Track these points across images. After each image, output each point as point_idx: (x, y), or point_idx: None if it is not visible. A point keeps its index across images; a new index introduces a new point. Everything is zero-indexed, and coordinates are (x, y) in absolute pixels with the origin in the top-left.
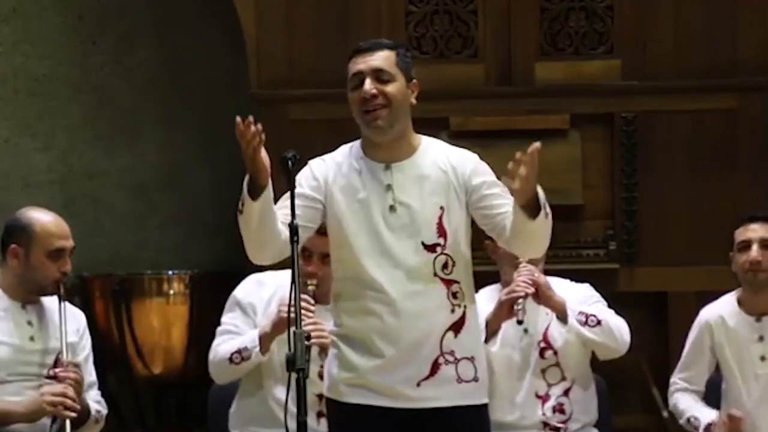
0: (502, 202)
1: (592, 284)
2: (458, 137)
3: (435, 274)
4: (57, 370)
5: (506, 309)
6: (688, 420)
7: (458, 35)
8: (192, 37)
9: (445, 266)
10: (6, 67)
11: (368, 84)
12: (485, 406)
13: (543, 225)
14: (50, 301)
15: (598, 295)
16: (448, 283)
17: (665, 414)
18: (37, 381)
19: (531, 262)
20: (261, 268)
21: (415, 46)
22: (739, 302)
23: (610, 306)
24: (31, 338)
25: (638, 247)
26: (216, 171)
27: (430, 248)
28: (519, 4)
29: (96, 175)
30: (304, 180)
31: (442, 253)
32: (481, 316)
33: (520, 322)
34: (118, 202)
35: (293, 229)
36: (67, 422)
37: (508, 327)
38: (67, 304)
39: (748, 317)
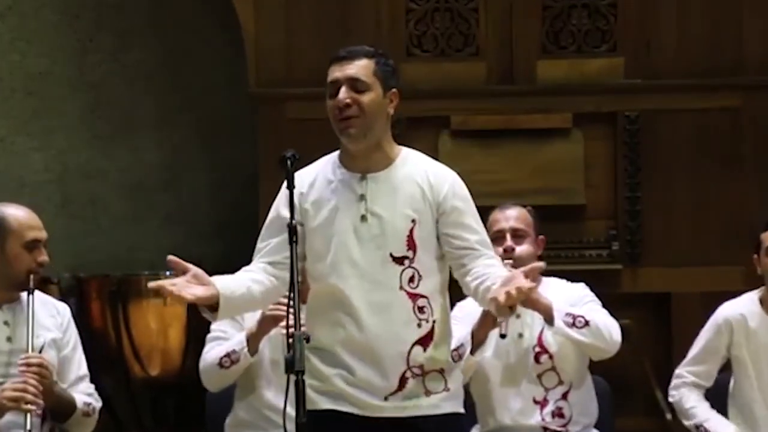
0: (468, 237)
1: (594, 285)
2: (459, 136)
3: (401, 287)
4: (19, 362)
5: (491, 320)
6: (697, 427)
7: (459, 33)
8: (190, 35)
9: (411, 280)
10: (2, 64)
11: (343, 93)
12: (457, 415)
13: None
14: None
15: (592, 294)
16: (414, 297)
17: (668, 416)
18: None
19: (515, 266)
20: None
21: (416, 44)
22: (762, 302)
23: (606, 306)
24: (8, 339)
25: (641, 247)
26: (214, 170)
27: (398, 260)
28: (521, 1)
29: (93, 175)
30: (282, 207)
31: (409, 267)
32: (471, 324)
33: (503, 336)
34: (115, 202)
35: (292, 228)
36: (28, 416)
37: (492, 341)
38: (50, 298)
39: None
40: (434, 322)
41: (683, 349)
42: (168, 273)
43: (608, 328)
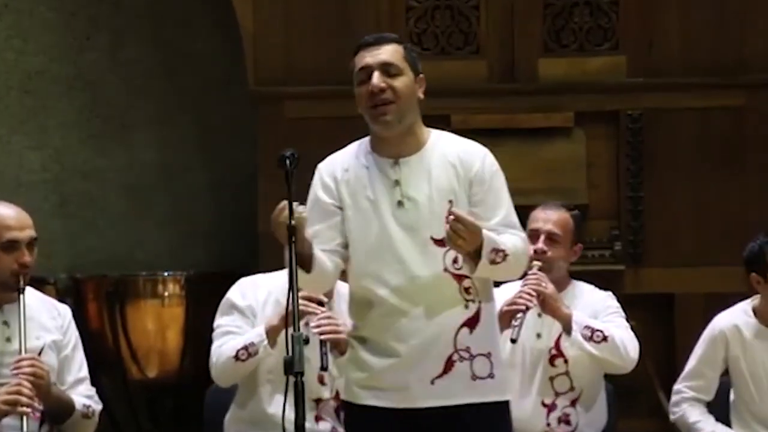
0: (490, 216)
1: (596, 286)
2: (459, 135)
3: (445, 269)
4: (12, 364)
5: (506, 320)
6: None
7: (460, 31)
8: (188, 32)
9: (455, 261)
10: None
11: (377, 78)
12: (504, 403)
13: (490, 270)
14: (28, 299)
15: (617, 306)
16: (459, 278)
17: (671, 418)
18: None
19: (544, 269)
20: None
21: (416, 42)
22: (755, 312)
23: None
24: (8, 339)
25: (644, 247)
26: (212, 170)
27: (439, 243)
28: None
29: (90, 174)
30: (320, 191)
31: (451, 248)
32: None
33: (513, 341)
34: (112, 202)
35: (291, 228)
36: (25, 419)
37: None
38: (51, 299)
39: (765, 328)
40: (480, 302)
41: (686, 350)
42: (165, 274)
43: (625, 345)
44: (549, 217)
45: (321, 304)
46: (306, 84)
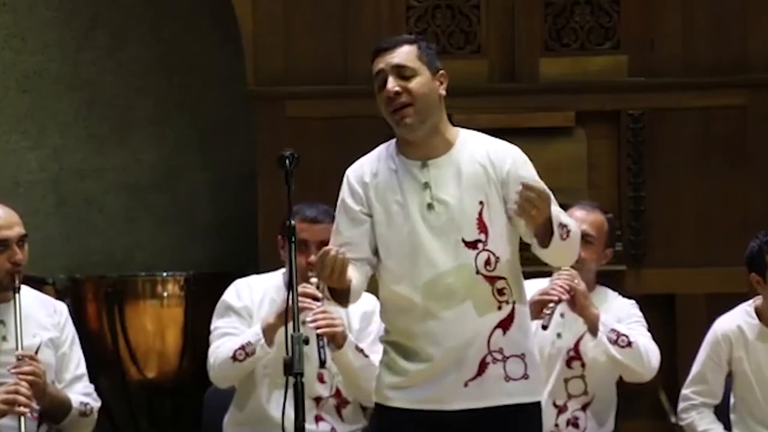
0: None
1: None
2: None
3: (477, 272)
4: (12, 364)
5: (536, 310)
6: None
7: (460, 31)
8: (187, 31)
9: (487, 263)
10: None
11: (391, 82)
12: (536, 404)
13: (559, 247)
14: (24, 297)
15: (640, 314)
16: (492, 279)
17: (673, 419)
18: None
19: (577, 267)
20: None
21: None
22: (758, 313)
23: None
24: (4, 338)
25: (645, 248)
26: (212, 170)
27: (470, 245)
28: None
29: (89, 174)
30: (348, 198)
31: (483, 250)
32: None
33: (544, 328)
34: (111, 202)
35: (291, 228)
36: (22, 419)
37: (539, 329)
38: (47, 297)
39: (767, 329)
40: (514, 303)
41: (688, 351)
42: (165, 274)
43: (648, 354)
44: (585, 217)
45: (316, 299)
46: (305, 84)
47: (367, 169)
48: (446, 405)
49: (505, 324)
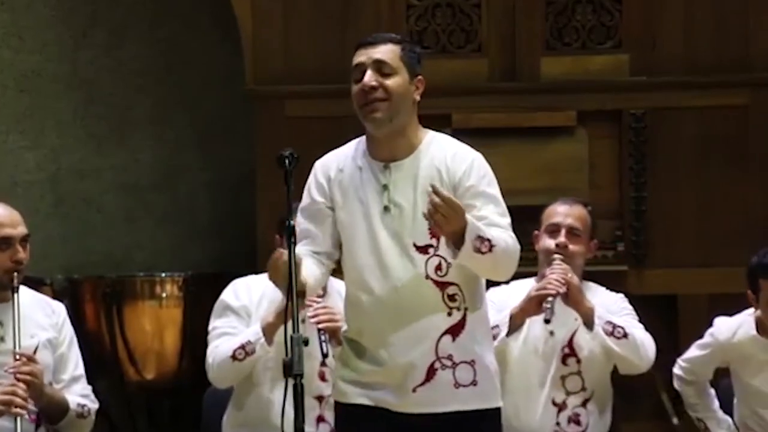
0: (479, 216)
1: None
2: (460, 134)
3: (427, 277)
4: (9, 364)
5: (534, 304)
6: (699, 420)
7: (461, 29)
8: (186, 30)
9: (438, 268)
10: None
11: (368, 75)
12: (490, 410)
13: (474, 260)
14: (22, 297)
15: (630, 307)
16: (443, 285)
17: (675, 420)
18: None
19: (567, 261)
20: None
21: (417, 40)
22: (758, 325)
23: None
24: (2, 338)
25: (647, 248)
26: (211, 170)
27: (421, 250)
28: None
29: (87, 174)
30: (314, 190)
31: (434, 255)
32: (509, 308)
33: (547, 321)
34: (110, 202)
35: (290, 229)
36: (19, 420)
37: (533, 326)
38: (45, 297)
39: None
40: (466, 309)
41: None
42: (163, 275)
43: (644, 345)
44: (569, 212)
45: (317, 294)
46: (305, 83)
47: (334, 164)
48: (397, 407)
49: (455, 330)
